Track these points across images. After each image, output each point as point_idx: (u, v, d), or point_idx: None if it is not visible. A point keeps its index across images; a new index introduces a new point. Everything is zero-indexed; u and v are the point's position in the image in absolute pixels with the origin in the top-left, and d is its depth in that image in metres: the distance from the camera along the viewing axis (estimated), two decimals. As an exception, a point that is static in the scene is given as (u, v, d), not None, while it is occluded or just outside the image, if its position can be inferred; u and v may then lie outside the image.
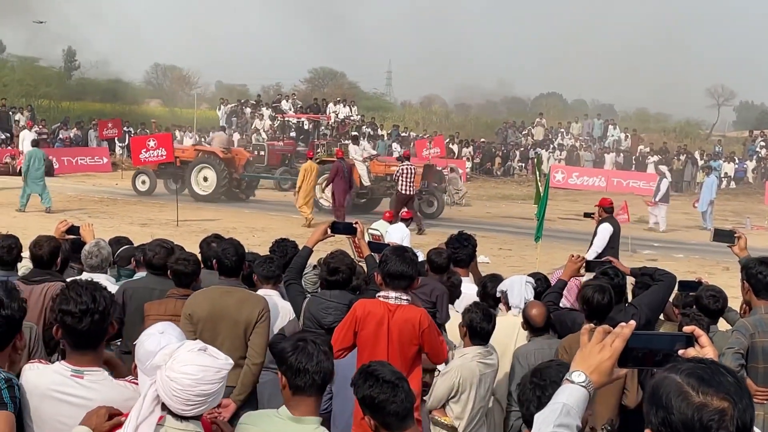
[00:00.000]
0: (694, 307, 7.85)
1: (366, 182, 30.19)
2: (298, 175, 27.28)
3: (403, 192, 26.49)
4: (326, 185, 27.42)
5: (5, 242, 7.74)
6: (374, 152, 33.34)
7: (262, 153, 36.50)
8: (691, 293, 8.36)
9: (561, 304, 8.05)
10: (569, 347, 6.61)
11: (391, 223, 18.82)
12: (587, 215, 17.50)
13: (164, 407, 3.96)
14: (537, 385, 3.94)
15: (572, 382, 2.95)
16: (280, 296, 7.70)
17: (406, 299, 6.29)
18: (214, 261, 7.33)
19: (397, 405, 4.29)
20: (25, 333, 4.99)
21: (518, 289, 7.82)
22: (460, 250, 8.95)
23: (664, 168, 36.45)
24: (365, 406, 4.34)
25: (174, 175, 31.83)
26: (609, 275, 7.31)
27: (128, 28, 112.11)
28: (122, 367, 4.71)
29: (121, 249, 8.99)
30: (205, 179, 31.80)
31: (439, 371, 7.03)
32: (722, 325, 8.12)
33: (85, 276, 7.33)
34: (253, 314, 6.81)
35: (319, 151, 33.55)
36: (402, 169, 26.72)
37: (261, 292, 7.60)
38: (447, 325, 7.88)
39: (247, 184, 33.61)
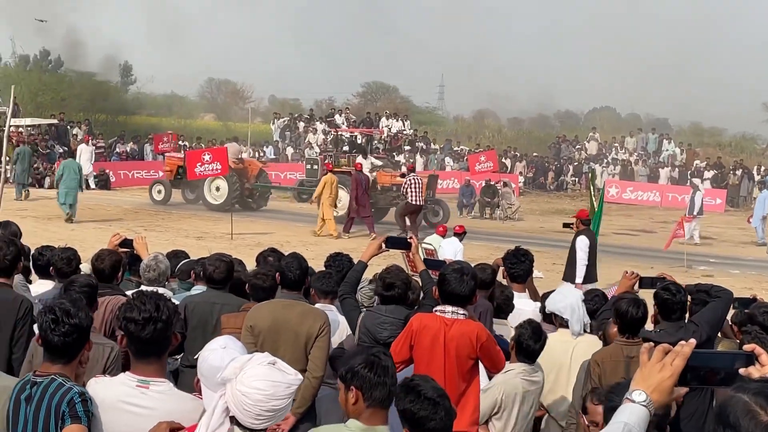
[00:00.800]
0: (748, 324, 7.73)
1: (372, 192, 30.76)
2: (317, 186, 27.71)
3: (413, 202, 27.44)
4: (353, 197, 28.04)
5: (65, 254, 7.90)
6: (380, 163, 33.96)
7: (315, 167, 36.67)
8: (745, 310, 8.25)
9: None
10: (601, 361, 6.60)
11: (443, 237, 18.83)
12: (566, 225, 17.49)
13: (232, 419, 4.00)
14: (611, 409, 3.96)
15: (633, 401, 2.95)
16: (337, 311, 7.74)
17: (463, 314, 6.32)
18: (277, 274, 7.36)
19: (436, 422, 4.31)
20: (105, 351, 5.09)
21: (578, 314, 7.75)
22: (517, 266, 8.90)
23: (697, 181, 36.32)
24: (405, 419, 4.36)
25: (190, 185, 32.63)
26: (671, 291, 7.15)
27: (183, 43, 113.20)
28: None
29: (181, 263, 9.08)
30: (218, 189, 32.53)
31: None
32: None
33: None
34: (314, 328, 6.82)
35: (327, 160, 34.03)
36: (410, 180, 27.62)
37: (318, 306, 7.63)
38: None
39: (259, 194, 34.32)
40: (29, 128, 39.61)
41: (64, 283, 6.86)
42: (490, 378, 6.83)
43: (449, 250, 16.97)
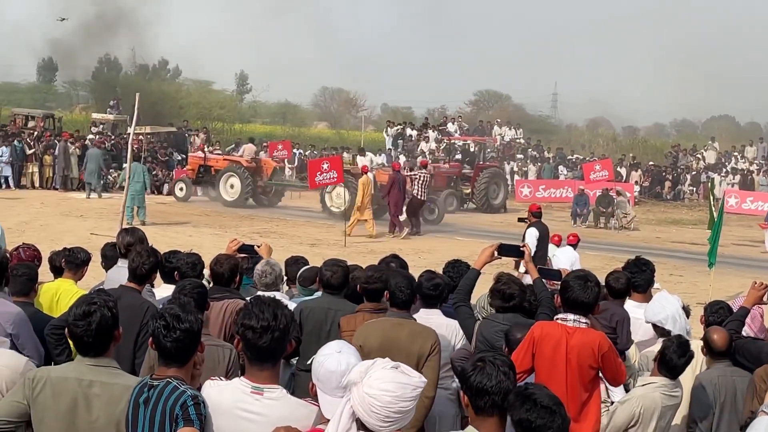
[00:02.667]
0: None
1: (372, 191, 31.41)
2: (358, 189, 28.02)
3: (417, 197, 28.64)
4: (383, 196, 29.06)
5: (189, 259, 8.09)
6: (380, 161, 35.48)
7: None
8: None
9: (744, 333, 7.73)
10: (767, 376, 6.40)
11: (557, 246, 18.58)
12: (521, 220, 18.39)
13: (358, 423, 4.00)
14: None
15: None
16: (442, 314, 7.64)
17: (585, 322, 6.21)
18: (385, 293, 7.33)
19: (553, 431, 4.21)
20: (225, 354, 5.14)
21: (680, 323, 7.56)
22: (638, 275, 8.71)
23: None
24: (521, 428, 4.27)
25: (210, 183, 35.29)
26: None
27: (297, 53, 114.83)
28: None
29: (303, 269, 9.15)
30: (232, 186, 34.55)
31: (612, 401, 6.87)
32: None
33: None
34: (426, 347, 6.76)
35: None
36: (417, 176, 29.01)
37: (422, 312, 7.60)
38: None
39: (274, 192, 36.20)
40: (149, 136, 40.60)
41: (176, 287, 7.00)
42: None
43: (564, 259, 16.70)
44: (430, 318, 7.50)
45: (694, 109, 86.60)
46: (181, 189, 35.59)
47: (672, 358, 6.65)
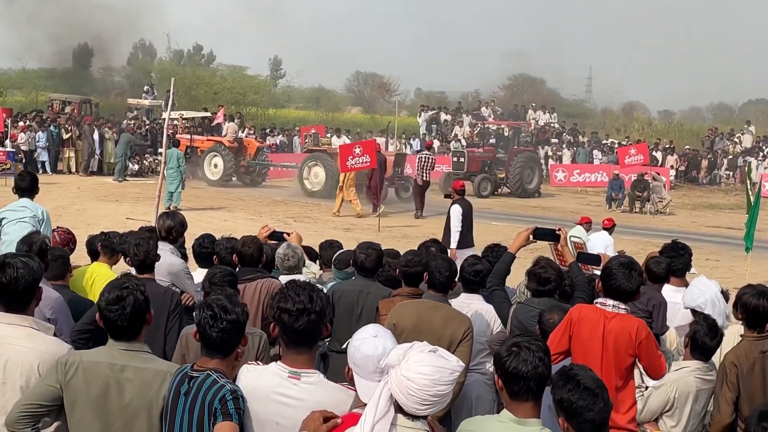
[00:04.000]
0: None
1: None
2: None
3: (422, 179, 28.70)
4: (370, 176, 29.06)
5: (228, 243, 8.34)
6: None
7: (462, 159, 36.68)
8: None
9: None
10: (737, 362, 6.37)
11: (585, 227, 18.47)
12: (447, 196, 18.71)
13: (396, 407, 4.00)
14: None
15: None
16: (482, 300, 7.69)
17: (625, 308, 6.17)
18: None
19: (594, 413, 4.18)
20: (254, 340, 5.16)
21: (719, 307, 7.50)
22: (676, 260, 8.63)
23: None
24: (561, 408, 4.25)
25: (197, 163, 36.09)
26: None
27: (330, 37, 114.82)
28: None
29: (338, 252, 9.19)
30: (215, 165, 35.84)
31: (646, 386, 6.82)
32: None
33: (283, 279, 7.61)
34: (458, 333, 6.78)
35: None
36: (419, 158, 29.09)
37: (463, 296, 7.64)
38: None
39: (257, 171, 37.15)
40: (184, 121, 40.81)
41: (206, 275, 7.05)
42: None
43: (599, 243, 16.64)
44: (470, 303, 7.54)
45: (731, 92, 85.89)
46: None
47: (705, 341, 6.64)
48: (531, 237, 7.61)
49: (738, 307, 6.82)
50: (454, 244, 16.78)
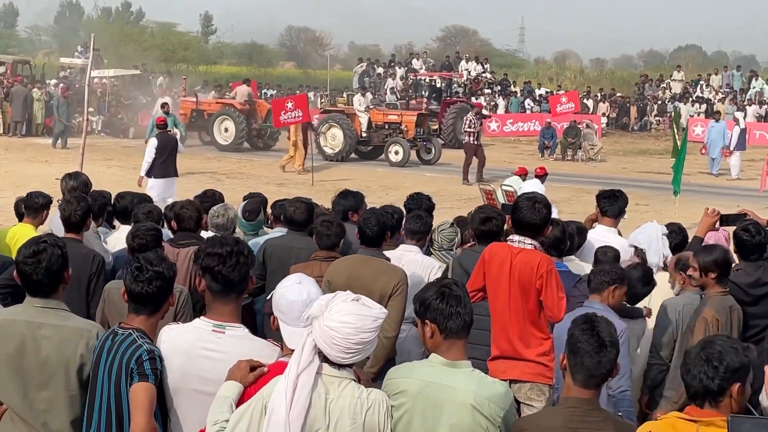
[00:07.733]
0: None
1: (365, 131, 32.21)
2: (290, 127, 27.50)
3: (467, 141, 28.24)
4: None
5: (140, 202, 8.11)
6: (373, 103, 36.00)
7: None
8: None
9: None
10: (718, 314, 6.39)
11: (522, 178, 18.67)
12: None
13: (321, 356, 4.04)
14: (709, 358, 3.98)
15: None
16: (420, 252, 7.73)
17: (531, 244, 6.33)
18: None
19: (592, 361, 4.13)
20: (175, 295, 5.16)
21: (656, 245, 7.64)
22: (611, 201, 8.39)
23: (740, 115, 36.15)
24: (569, 344, 4.25)
25: (203, 127, 34.78)
26: (750, 231, 6.90)
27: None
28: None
29: (246, 202, 9.00)
30: (226, 130, 33.91)
31: None
32: None
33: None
34: (389, 286, 6.75)
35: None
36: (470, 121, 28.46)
37: (402, 247, 7.68)
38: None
39: (268, 134, 35.24)
40: (112, 79, 40.13)
41: (129, 231, 6.93)
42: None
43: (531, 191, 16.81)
44: (407, 254, 7.60)
45: (662, 39, 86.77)
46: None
47: (635, 286, 6.76)
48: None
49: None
50: (143, 172, 17.09)
